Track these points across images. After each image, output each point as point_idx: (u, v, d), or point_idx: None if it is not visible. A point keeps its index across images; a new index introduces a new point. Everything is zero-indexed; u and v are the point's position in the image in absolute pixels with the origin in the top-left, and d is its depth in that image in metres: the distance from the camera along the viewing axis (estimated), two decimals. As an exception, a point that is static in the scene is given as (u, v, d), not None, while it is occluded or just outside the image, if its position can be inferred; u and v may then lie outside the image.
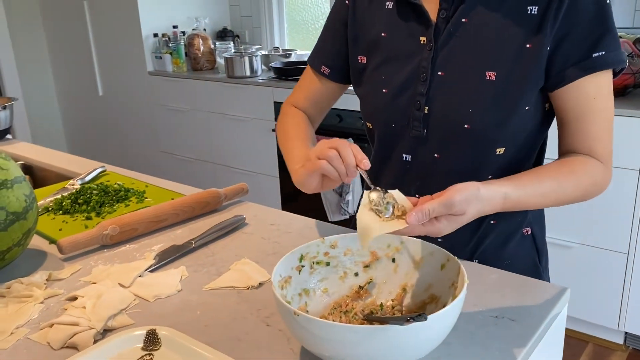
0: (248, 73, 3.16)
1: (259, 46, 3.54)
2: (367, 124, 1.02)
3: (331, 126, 2.76)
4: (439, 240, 0.96)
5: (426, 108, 0.91)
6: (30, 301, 0.89)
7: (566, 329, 0.85)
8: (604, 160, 0.87)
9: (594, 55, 0.82)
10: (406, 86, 0.92)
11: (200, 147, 3.52)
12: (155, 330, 0.75)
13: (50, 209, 1.28)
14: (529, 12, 0.84)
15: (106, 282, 0.93)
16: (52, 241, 1.12)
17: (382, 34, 0.96)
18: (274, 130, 3.00)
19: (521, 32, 0.84)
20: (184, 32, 3.51)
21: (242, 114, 3.18)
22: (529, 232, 0.99)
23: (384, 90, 0.95)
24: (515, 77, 0.85)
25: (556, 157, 0.92)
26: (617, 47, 0.83)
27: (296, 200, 3.13)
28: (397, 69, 0.94)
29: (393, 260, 0.82)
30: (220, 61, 3.36)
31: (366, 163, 0.78)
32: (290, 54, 3.37)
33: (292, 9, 3.66)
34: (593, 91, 0.84)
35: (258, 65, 3.19)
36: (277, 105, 2.99)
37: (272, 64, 3.13)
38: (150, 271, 0.98)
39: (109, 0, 3.63)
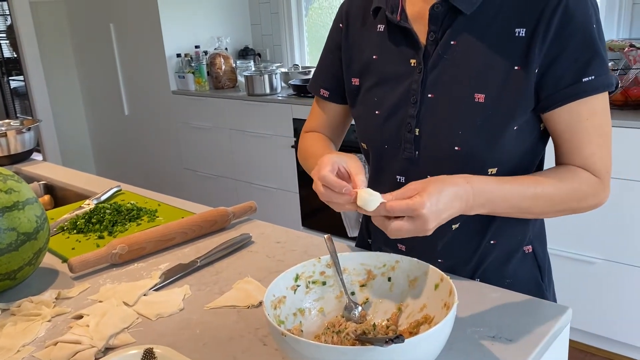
0: (268, 91, 3.20)
1: (279, 64, 3.59)
2: (362, 144, 1.02)
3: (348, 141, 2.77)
4: (440, 261, 0.96)
5: (417, 130, 0.91)
6: (38, 319, 0.92)
7: (590, 347, 0.84)
8: (601, 176, 0.86)
9: (584, 80, 0.81)
10: (397, 108, 0.93)
11: (221, 163, 3.57)
12: (152, 349, 0.77)
13: (65, 228, 1.32)
14: (517, 34, 0.83)
15: (111, 301, 0.95)
16: (64, 260, 1.15)
17: (374, 57, 0.97)
18: (293, 146, 3.03)
19: (509, 54, 0.84)
20: (206, 52, 3.59)
21: (262, 131, 3.22)
22: (530, 250, 0.98)
23: (376, 112, 0.96)
24: (504, 99, 0.84)
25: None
26: (606, 71, 0.82)
27: (316, 215, 3.14)
28: (388, 91, 0.94)
29: (389, 279, 0.82)
30: (241, 79, 3.42)
31: (359, 183, 0.78)
32: (309, 71, 3.41)
33: (312, 26, 3.71)
34: (585, 113, 0.83)
35: (278, 82, 3.24)
36: (296, 122, 3.03)
37: (291, 82, 3.16)
38: (155, 290, 1.00)
39: (134, 22, 3.74)
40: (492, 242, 0.95)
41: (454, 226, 0.94)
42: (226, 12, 3.82)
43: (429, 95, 0.90)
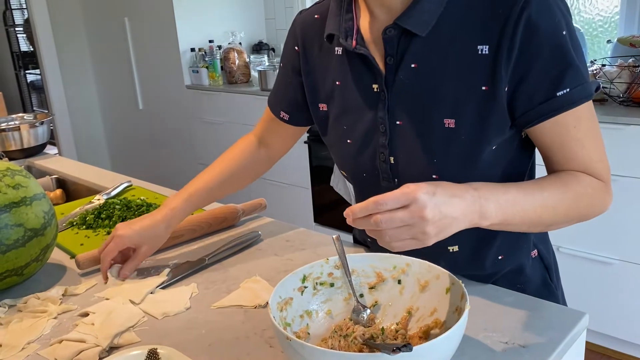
0: (281, 86, 3.18)
1: (293, 59, 3.56)
2: (342, 172, 0.97)
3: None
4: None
5: (392, 158, 0.85)
6: (45, 316, 0.91)
7: (607, 349, 0.81)
8: (604, 179, 0.80)
9: (558, 94, 0.75)
10: (368, 137, 0.87)
11: (235, 159, 3.55)
12: (156, 349, 0.76)
13: (74, 223, 1.31)
14: (480, 52, 0.76)
15: (118, 299, 0.94)
16: (72, 256, 1.15)
17: (337, 83, 0.90)
18: (305, 142, 3.01)
19: (475, 74, 0.77)
20: (220, 47, 3.58)
21: (276, 127, 3.20)
22: (537, 254, 0.95)
23: (348, 141, 0.90)
24: (476, 122, 0.78)
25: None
26: (582, 81, 0.75)
27: (328, 212, 3.12)
28: (356, 119, 0.88)
29: (399, 282, 0.80)
30: (255, 74, 3.40)
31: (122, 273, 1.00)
32: (323, 66, 3.38)
33: (326, 21, 3.67)
34: (572, 121, 0.77)
35: (291, 77, 3.21)
36: (309, 118, 3.00)
37: (305, 77, 3.14)
38: (162, 288, 0.99)
39: (148, 16, 3.73)
40: (499, 257, 0.91)
41: (451, 248, 0.89)
42: (240, 7, 3.80)
43: (397, 122, 0.83)
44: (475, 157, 0.80)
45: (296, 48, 0.96)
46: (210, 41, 3.55)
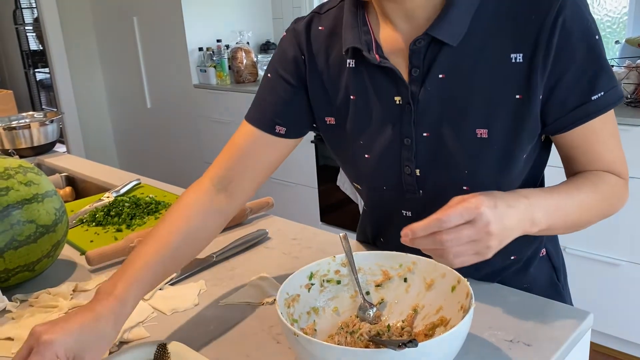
0: (288, 85, 3.19)
1: (300, 58, 3.58)
2: (355, 184, 0.94)
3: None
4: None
5: (417, 171, 0.83)
6: (55, 312, 0.93)
7: (613, 350, 0.81)
8: (625, 177, 0.83)
9: (593, 98, 0.75)
10: (390, 151, 0.84)
11: (242, 158, 3.57)
12: (165, 344, 0.77)
13: (84, 220, 1.33)
14: (513, 60, 0.75)
15: (127, 295, 0.96)
16: (82, 252, 1.16)
17: (351, 97, 0.86)
18: (312, 141, 3.02)
19: (508, 83, 0.76)
20: (227, 46, 3.59)
21: (283, 126, 3.22)
22: (545, 253, 0.96)
23: (366, 156, 0.87)
24: (509, 131, 0.77)
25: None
26: (614, 84, 0.76)
27: (335, 211, 3.13)
28: (375, 133, 0.85)
29: (405, 280, 0.81)
30: (262, 73, 3.41)
31: None
32: (330, 66, 3.39)
33: (334, 21, 3.68)
34: (599, 126, 0.78)
35: (298, 77, 3.22)
36: (316, 117, 3.01)
37: (312, 76, 3.15)
38: (171, 284, 1.00)
39: (157, 15, 3.76)
40: (512, 257, 0.92)
41: None
42: (248, 6, 3.82)
43: (424, 134, 0.81)
44: (507, 166, 0.80)
45: (302, 57, 0.89)
46: (218, 40, 3.57)
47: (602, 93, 0.75)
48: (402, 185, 0.86)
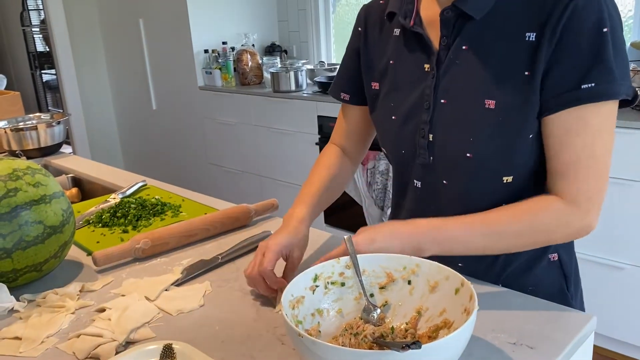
0: (293, 87, 3.20)
1: (305, 61, 3.59)
2: (383, 149, 1.02)
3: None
4: (460, 265, 0.94)
5: (430, 136, 0.90)
6: (63, 311, 0.94)
7: (617, 354, 0.82)
8: (577, 202, 0.80)
9: (582, 86, 0.77)
10: (412, 114, 0.92)
11: (246, 159, 3.59)
12: (171, 345, 0.78)
13: (90, 221, 1.34)
14: (527, 38, 0.80)
15: (133, 295, 0.97)
16: (89, 253, 1.17)
17: (391, 62, 0.96)
18: (317, 143, 3.03)
19: (520, 59, 0.81)
20: (233, 48, 3.61)
21: (287, 128, 3.23)
22: (556, 258, 0.96)
23: (393, 117, 0.95)
24: (515, 105, 0.82)
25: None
26: (611, 80, 0.76)
27: (339, 213, 3.13)
28: (403, 96, 0.94)
29: (409, 282, 0.82)
30: (267, 76, 3.43)
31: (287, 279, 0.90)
32: (335, 68, 3.40)
33: (339, 23, 3.69)
34: (574, 126, 0.78)
35: (303, 79, 3.24)
36: (321, 119, 3.02)
37: (317, 79, 3.16)
38: (177, 285, 1.01)
39: (162, 17, 3.78)
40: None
41: None
42: (253, 9, 3.84)
43: (442, 101, 0.88)
44: (510, 142, 0.83)
45: (360, 29, 1.03)
46: (224, 43, 3.59)
47: (593, 84, 0.76)
48: (416, 149, 0.93)
